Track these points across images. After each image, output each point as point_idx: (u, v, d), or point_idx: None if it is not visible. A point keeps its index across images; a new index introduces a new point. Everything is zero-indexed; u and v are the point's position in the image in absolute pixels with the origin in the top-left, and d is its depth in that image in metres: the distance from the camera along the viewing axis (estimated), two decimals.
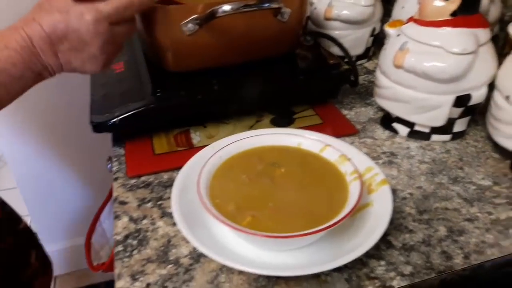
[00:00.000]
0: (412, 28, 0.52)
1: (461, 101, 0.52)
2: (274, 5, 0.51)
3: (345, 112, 0.63)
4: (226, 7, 0.49)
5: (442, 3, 0.49)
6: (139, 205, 0.47)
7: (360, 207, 0.42)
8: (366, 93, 0.68)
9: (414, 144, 0.56)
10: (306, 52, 0.66)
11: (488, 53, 0.51)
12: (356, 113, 0.63)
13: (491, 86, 0.52)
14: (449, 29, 0.49)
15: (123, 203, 0.48)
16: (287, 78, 0.60)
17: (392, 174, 0.51)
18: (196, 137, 0.58)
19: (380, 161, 0.53)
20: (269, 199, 0.41)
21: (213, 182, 0.43)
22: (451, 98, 0.51)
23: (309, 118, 0.61)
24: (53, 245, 1.40)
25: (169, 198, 0.47)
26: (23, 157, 1.25)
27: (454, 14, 0.49)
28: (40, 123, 1.22)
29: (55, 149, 1.26)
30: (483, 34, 0.50)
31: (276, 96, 0.62)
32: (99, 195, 1.08)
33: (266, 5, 0.50)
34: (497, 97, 0.50)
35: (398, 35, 0.53)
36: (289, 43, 0.62)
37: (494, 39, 0.70)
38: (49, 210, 1.35)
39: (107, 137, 0.59)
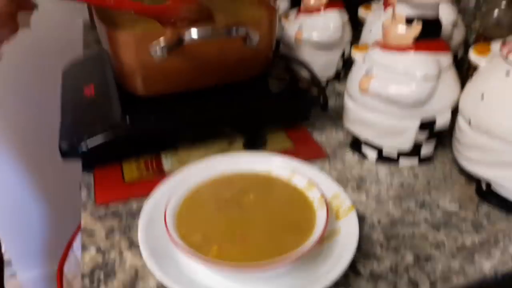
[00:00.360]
0: (377, 53, 0.53)
1: (426, 125, 0.53)
2: (242, 33, 0.52)
3: (316, 135, 0.64)
4: (194, 35, 0.49)
5: (404, 29, 0.50)
6: (107, 235, 0.47)
7: (328, 234, 0.42)
8: (337, 116, 0.68)
9: (382, 169, 0.57)
10: (277, 75, 0.66)
11: (451, 78, 0.53)
12: (327, 137, 0.63)
13: (456, 110, 0.53)
14: (412, 54, 0.50)
15: (91, 233, 0.47)
16: (258, 101, 0.61)
17: (361, 199, 0.51)
18: (167, 162, 0.57)
19: (349, 186, 0.53)
20: (237, 228, 0.41)
21: (181, 211, 0.42)
22: (416, 122, 0.52)
23: (281, 141, 0.62)
24: (26, 272, 1.36)
25: (137, 228, 0.46)
26: None
27: (416, 39, 0.50)
28: (11, 148, 1.19)
29: (27, 175, 1.23)
30: (445, 59, 0.52)
31: (247, 120, 0.62)
32: (73, 222, 1.06)
33: (234, 32, 0.51)
34: (461, 121, 0.51)
35: (364, 59, 0.54)
36: (259, 67, 0.62)
37: (459, 62, 0.72)
38: (22, 237, 1.32)
39: (79, 162, 0.58)
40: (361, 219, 0.48)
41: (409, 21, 0.50)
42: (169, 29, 0.50)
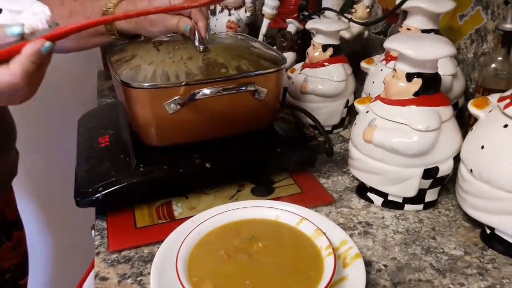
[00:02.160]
0: (379, 106, 0.55)
1: (430, 173, 0.55)
2: (251, 88, 0.55)
3: (322, 180, 0.66)
4: (206, 91, 0.52)
5: (405, 84, 0.53)
6: (119, 281, 0.48)
7: (335, 282, 0.43)
8: (343, 161, 0.71)
9: (388, 214, 0.58)
10: (283, 125, 0.69)
11: (451, 128, 0.55)
12: (333, 182, 0.65)
13: (458, 158, 0.55)
14: (413, 108, 0.53)
15: (104, 279, 0.48)
16: (266, 150, 0.63)
17: (367, 245, 0.52)
18: (177, 208, 0.59)
19: (356, 232, 0.55)
20: (246, 276, 0.42)
21: (192, 259, 0.44)
22: (419, 171, 0.54)
23: (289, 187, 0.64)
24: None
25: (149, 273, 0.48)
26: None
27: (417, 94, 0.53)
28: (26, 190, 1.22)
29: (39, 216, 1.25)
30: (446, 111, 0.54)
31: (255, 167, 0.64)
32: (82, 263, 1.07)
33: (243, 88, 0.54)
34: (463, 170, 0.53)
35: (367, 111, 0.57)
36: (267, 118, 0.65)
37: (461, 110, 0.75)
38: (33, 276, 1.32)
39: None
40: (368, 264, 0.49)
41: (409, 76, 0.53)
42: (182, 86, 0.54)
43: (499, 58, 0.65)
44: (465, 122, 0.69)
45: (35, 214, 1.25)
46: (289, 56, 0.89)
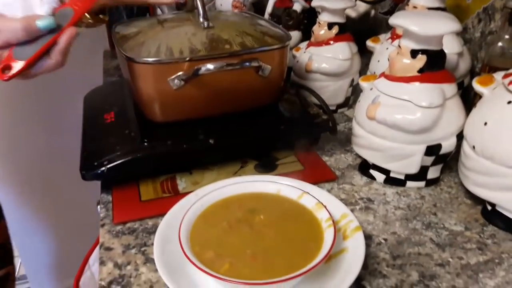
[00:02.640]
0: (383, 83, 0.55)
1: (432, 150, 0.55)
2: (255, 64, 0.55)
3: (325, 158, 0.66)
4: (210, 66, 0.52)
5: (410, 61, 0.53)
6: (123, 251, 0.49)
7: (335, 253, 0.44)
8: (346, 140, 0.71)
9: (390, 190, 0.58)
10: (288, 102, 0.69)
11: (455, 106, 0.55)
12: (336, 160, 0.66)
13: (461, 135, 0.55)
14: (417, 84, 0.53)
15: (108, 249, 0.49)
16: (270, 127, 0.63)
17: (368, 219, 0.53)
18: (181, 183, 0.60)
19: (357, 207, 0.55)
20: (248, 246, 0.43)
21: (194, 229, 0.45)
22: (422, 148, 0.54)
23: (291, 164, 0.64)
24: (43, 287, 1.38)
25: (152, 244, 0.48)
26: (15, 201, 1.27)
27: (421, 70, 0.53)
28: (31, 167, 1.24)
29: (46, 192, 1.27)
30: (450, 88, 0.54)
31: (259, 145, 0.64)
32: (89, 238, 1.09)
33: (247, 64, 0.54)
34: (466, 146, 0.53)
35: (371, 89, 0.57)
36: (271, 96, 0.65)
37: (466, 90, 0.74)
38: (39, 253, 1.35)
39: (98, 181, 0.61)
40: (368, 238, 0.49)
41: (414, 53, 0.53)
42: (186, 62, 0.54)
43: (506, 37, 0.64)
44: (470, 101, 0.69)
45: (41, 191, 1.26)
46: (295, 35, 0.89)
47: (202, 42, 0.57)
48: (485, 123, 0.49)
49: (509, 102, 0.47)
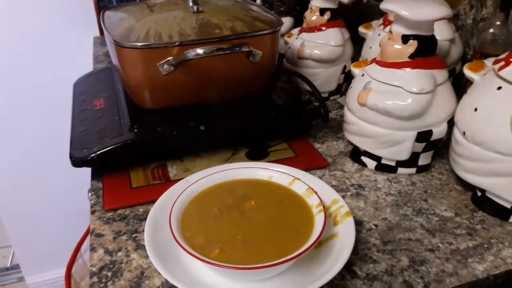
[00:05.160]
0: (374, 69, 0.55)
1: (423, 136, 0.55)
2: (245, 49, 0.55)
3: (317, 145, 0.66)
4: (199, 50, 0.52)
5: (401, 46, 0.52)
6: (114, 238, 0.49)
7: (326, 238, 0.44)
8: (338, 127, 0.71)
9: (381, 177, 0.58)
10: (280, 89, 0.69)
11: (446, 92, 0.55)
12: (328, 147, 0.66)
13: (452, 122, 0.55)
14: (408, 70, 0.53)
15: (99, 235, 0.49)
16: (261, 114, 0.63)
17: (359, 206, 0.53)
18: (172, 170, 0.60)
19: (349, 193, 0.55)
20: (238, 231, 0.43)
21: (185, 215, 0.44)
22: (413, 134, 0.54)
23: (283, 151, 0.64)
24: (35, 276, 1.38)
25: (143, 231, 0.48)
26: (6, 190, 1.26)
27: (412, 56, 0.52)
28: (21, 155, 1.23)
29: (37, 181, 1.26)
30: (441, 74, 0.54)
31: (250, 132, 0.64)
32: (81, 226, 1.09)
33: (237, 49, 0.54)
34: (456, 133, 0.53)
35: (363, 75, 0.57)
36: (262, 82, 0.65)
37: (458, 77, 0.74)
38: (31, 241, 1.34)
39: (88, 169, 0.61)
40: (359, 224, 0.50)
41: (405, 39, 0.52)
42: (175, 47, 0.53)
43: (497, 23, 0.64)
44: (462, 88, 0.69)
45: (33, 179, 1.26)
46: (287, 21, 0.88)
47: (191, 26, 0.56)
48: (475, 109, 0.49)
49: (499, 88, 0.48)
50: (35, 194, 1.28)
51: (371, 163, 0.60)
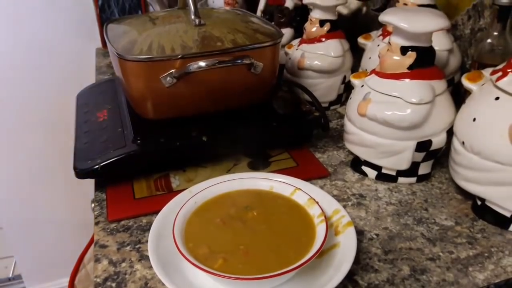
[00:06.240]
0: (374, 80, 0.56)
1: (422, 146, 0.55)
2: (247, 61, 0.55)
3: (318, 155, 0.66)
4: (202, 63, 0.53)
5: (399, 58, 0.53)
6: (118, 249, 0.49)
7: (327, 248, 0.45)
8: (339, 137, 0.71)
9: (382, 186, 0.59)
10: (280, 100, 0.70)
11: (445, 102, 0.56)
12: (329, 156, 0.66)
13: (451, 132, 0.56)
14: (407, 81, 0.53)
15: (103, 246, 0.50)
16: (262, 125, 0.64)
17: (360, 215, 0.54)
18: (175, 181, 0.60)
19: (350, 203, 0.56)
20: (241, 242, 0.43)
21: (188, 226, 0.45)
22: (412, 144, 0.55)
23: (284, 161, 0.65)
24: (37, 286, 1.38)
25: (147, 241, 0.49)
26: (9, 199, 1.26)
27: (411, 67, 0.53)
28: (25, 166, 1.23)
29: (40, 191, 1.27)
30: (439, 84, 0.55)
31: (252, 142, 0.65)
32: (84, 237, 1.09)
33: (239, 61, 0.55)
34: (455, 142, 0.54)
35: (362, 85, 0.58)
36: (263, 93, 0.65)
37: (457, 86, 0.75)
38: (33, 252, 1.35)
39: (92, 180, 0.61)
40: (360, 233, 0.50)
41: (404, 50, 0.53)
42: (178, 59, 0.54)
43: (495, 33, 0.65)
44: (460, 98, 0.70)
45: (36, 190, 1.26)
46: (287, 32, 0.89)
47: (193, 39, 0.57)
48: (474, 119, 0.50)
49: (496, 98, 0.48)
50: (38, 205, 1.28)
51: (371, 173, 0.60)
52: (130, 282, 0.44)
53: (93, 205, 0.60)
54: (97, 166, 0.55)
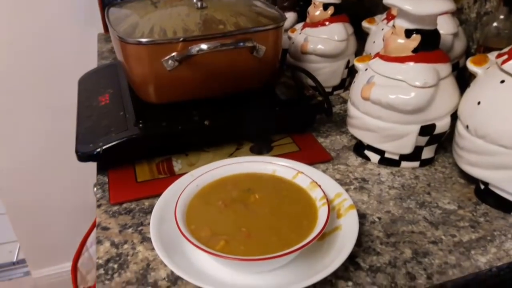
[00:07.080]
0: (378, 63, 0.55)
1: (426, 130, 0.55)
2: (249, 44, 0.55)
3: (321, 140, 0.66)
4: (203, 46, 0.52)
5: (404, 41, 0.53)
6: (120, 231, 0.49)
7: (329, 231, 0.45)
8: (342, 121, 0.71)
9: (384, 171, 0.59)
10: (283, 84, 0.69)
11: (449, 86, 0.55)
12: (331, 141, 0.66)
13: (455, 116, 0.55)
14: (412, 64, 0.53)
15: (105, 228, 0.50)
16: (265, 109, 0.64)
17: (363, 199, 0.53)
18: (177, 165, 0.60)
19: (352, 187, 0.56)
20: (242, 224, 0.43)
21: (190, 208, 0.45)
22: (416, 128, 0.55)
23: (287, 146, 0.64)
24: (41, 270, 1.40)
25: (149, 224, 0.49)
26: (12, 185, 1.27)
27: (415, 50, 0.53)
28: (27, 150, 1.24)
29: (43, 176, 1.28)
30: (444, 68, 0.54)
31: (254, 126, 0.64)
32: (86, 221, 1.10)
33: (241, 44, 0.54)
34: (459, 126, 0.53)
35: (366, 69, 0.57)
36: (266, 77, 0.65)
37: (462, 71, 0.74)
38: (37, 236, 1.36)
39: (94, 164, 0.61)
40: (363, 217, 0.50)
41: (408, 33, 0.53)
42: (179, 42, 0.54)
43: (501, 17, 0.64)
44: (465, 82, 0.69)
45: (39, 175, 1.27)
46: (290, 16, 0.88)
47: (195, 22, 0.57)
48: (479, 103, 0.50)
49: (502, 82, 0.48)
50: (41, 189, 1.29)
51: (374, 157, 0.60)
52: (132, 263, 0.45)
53: (95, 188, 0.60)
54: (99, 150, 0.55)
